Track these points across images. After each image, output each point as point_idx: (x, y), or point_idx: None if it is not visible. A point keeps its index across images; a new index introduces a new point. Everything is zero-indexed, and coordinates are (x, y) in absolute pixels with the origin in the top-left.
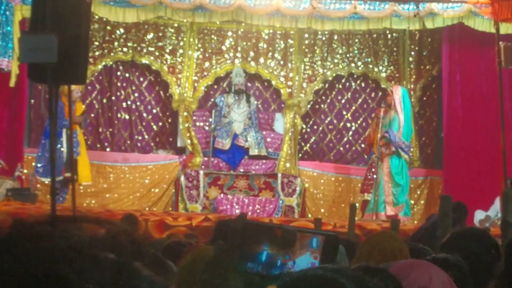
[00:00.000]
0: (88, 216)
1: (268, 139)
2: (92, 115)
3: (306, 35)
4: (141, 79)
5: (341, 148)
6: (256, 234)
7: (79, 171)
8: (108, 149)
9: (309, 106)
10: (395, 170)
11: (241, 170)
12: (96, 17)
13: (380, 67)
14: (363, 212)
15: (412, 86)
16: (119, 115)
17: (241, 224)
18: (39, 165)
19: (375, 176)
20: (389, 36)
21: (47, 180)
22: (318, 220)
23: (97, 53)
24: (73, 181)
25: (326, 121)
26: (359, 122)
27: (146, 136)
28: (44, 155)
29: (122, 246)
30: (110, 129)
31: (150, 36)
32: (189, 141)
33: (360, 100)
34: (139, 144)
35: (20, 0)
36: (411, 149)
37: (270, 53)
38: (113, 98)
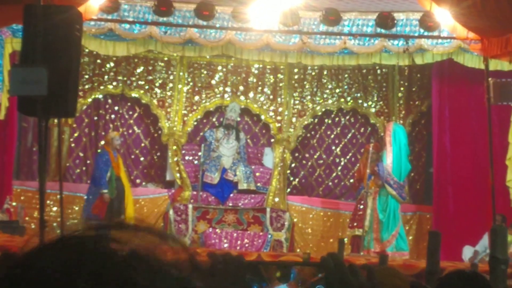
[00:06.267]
0: (147, 227)
1: (257, 174)
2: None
3: (296, 70)
4: (130, 113)
5: (330, 183)
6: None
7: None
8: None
9: (298, 140)
10: (379, 207)
11: (230, 204)
12: (86, 50)
13: (370, 102)
14: (353, 247)
15: (401, 121)
16: None
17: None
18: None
19: (363, 211)
20: (378, 71)
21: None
22: (307, 254)
23: (87, 86)
24: (62, 201)
25: (315, 156)
26: (348, 157)
27: (135, 170)
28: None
29: (182, 262)
30: None
31: (140, 69)
32: (178, 175)
33: (349, 135)
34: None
35: (10, 33)
36: (404, 187)
37: (260, 88)
38: (103, 133)
